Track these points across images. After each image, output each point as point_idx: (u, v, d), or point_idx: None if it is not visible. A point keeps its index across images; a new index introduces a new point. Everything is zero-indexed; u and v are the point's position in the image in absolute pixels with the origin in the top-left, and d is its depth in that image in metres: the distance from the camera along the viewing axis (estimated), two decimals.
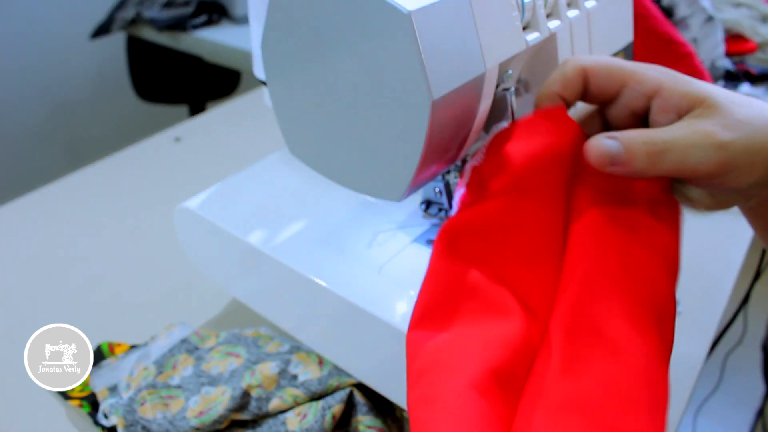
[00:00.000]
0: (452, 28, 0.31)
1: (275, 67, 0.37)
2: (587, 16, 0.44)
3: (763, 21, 1.02)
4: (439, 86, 0.31)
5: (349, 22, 0.31)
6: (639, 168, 0.31)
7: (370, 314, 0.41)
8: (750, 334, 1.11)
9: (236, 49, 1.35)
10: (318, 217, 0.51)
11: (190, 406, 0.46)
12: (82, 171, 0.82)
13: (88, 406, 0.48)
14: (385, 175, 0.35)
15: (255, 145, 0.82)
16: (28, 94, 1.71)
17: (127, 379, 0.49)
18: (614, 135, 0.31)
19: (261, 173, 0.57)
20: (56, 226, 0.72)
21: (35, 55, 1.69)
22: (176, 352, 0.51)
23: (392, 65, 0.31)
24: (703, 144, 0.30)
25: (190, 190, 0.55)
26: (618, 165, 0.31)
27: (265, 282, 0.50)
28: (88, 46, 1.65)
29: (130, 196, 0.77)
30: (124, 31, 1.53)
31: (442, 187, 0.47)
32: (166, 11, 1.46)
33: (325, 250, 0.47)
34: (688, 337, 0.56)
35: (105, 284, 0.63)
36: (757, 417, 1.36)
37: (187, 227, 0.54)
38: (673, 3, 0.92)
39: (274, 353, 0.50)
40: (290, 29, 0.35)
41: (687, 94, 0.32)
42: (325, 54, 0.34)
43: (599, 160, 0.31)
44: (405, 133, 0.32)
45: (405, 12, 0.29)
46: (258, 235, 0.49)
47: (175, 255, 0.64)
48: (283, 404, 0.45)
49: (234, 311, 0.58)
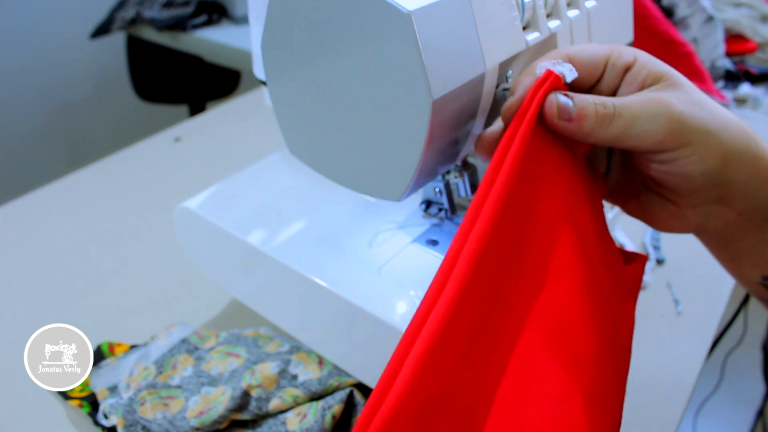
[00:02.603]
0: (452, 28, 0.31)
1: (275, 67, 0.37)
2: (587, 16, 0.44)
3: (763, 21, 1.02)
4: (439, 86, 0.31)
5: (349, 22, 0.31)
6: (586, 128, 0.31)
7: (370, 314, 0.41)
8: (750, 334, 1.11)
9: (236, 49, 1.35)
10: (318, 217, 0.51)
11: (190, 406, 0.46)
12: (82, 171, 0.82)
13: (88, 406, 0.48)
14: (385, 175, 0.35)
15: (255, 145, 0.82)
16: (28, 94, 1.71)
17: (127, 379, 0.49)
18: (570, 94, 0.32)
19: (261, 173, 0.57)
20: (56, 226, 0.72)
21: (35, 55, 1.69)
22: (176, 352, 0.51)
23: (392, 65, 0.31)
24: (654, 112, 0.30)
25: (190, 190, 0.55)
26: (567, 121, 0.31)
27: (265, 282, 0.50)
28: (88, 46, 1.65)
29: (130, 196, 0.77)
30: (124, 31, 1.53)
31: (442, 187, 0.47)
32: (166, 11, 1.46)
33: (325, 250, 0.47)
34: (688, 337, 0.57)
35: (105, 284, 0.63)
36: (757, 417, 1.36)
37: (187, 227, 0.54)
38: (673, 3, 0.92)
39: (274, 353, 0.50)
40: (290, 29, 0.35)
41: (654, 70, 0.32)
42: (325, 54, 0.34)
43: (550, 111, 0.31)
44: (405, 133, 0.32)
45: (405, 12, 0.29)
46: (258, 235, 0.49)
47: (175, 255, 0.64)
48: (283, 404, 0.45)
49: (234, 311, 0.58)
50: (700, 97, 0.32)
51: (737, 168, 0.32)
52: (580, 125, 0.31)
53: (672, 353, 0.55)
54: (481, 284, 0.28)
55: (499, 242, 0.29)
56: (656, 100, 0.31)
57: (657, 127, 0.30)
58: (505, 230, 0.29)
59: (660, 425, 0.49)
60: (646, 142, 0.31)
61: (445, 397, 0.27)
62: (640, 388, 0.51)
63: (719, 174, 0.31)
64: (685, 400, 0.51)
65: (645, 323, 0.58)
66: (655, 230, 0.69)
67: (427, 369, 0.26)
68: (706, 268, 0.64)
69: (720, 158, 0.31)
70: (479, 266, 0.28)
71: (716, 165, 0.31)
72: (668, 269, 0.65)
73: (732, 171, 0.32)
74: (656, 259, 0.65)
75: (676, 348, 0.56)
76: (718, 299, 0.61)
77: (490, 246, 0.28)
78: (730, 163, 0.31)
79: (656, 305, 0.60)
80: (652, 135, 0.31)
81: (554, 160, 0.32)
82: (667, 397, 0.51)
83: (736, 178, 0.32)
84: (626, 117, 0.31)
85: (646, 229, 0.70)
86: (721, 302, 0.60)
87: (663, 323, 0.58)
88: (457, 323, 0.27)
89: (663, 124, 0.30)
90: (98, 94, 1.86)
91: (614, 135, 0.31)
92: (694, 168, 0.31)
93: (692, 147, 0.31)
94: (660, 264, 0.65)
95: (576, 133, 0.32)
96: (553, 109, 0.31)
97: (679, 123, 0.30)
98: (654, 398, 0.51)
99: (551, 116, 0.31)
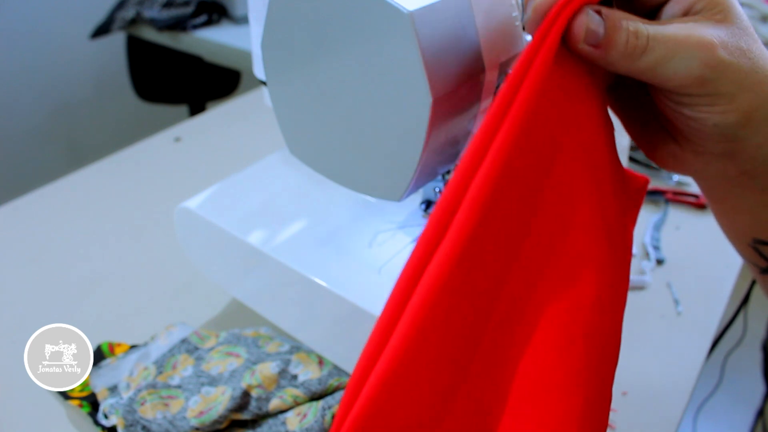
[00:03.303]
0: (452, 28, 0.31)
1: (275, 67, 0.37)
2: None
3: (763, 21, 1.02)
4: (439, 86, 0.31)
5: (349, 22, 0.32)
6: (613, 57, 0.28)
7: (370, 314, 0.41)
8: (750, 334, 1.10)
9: (236, 49, 1.35)
10: (318, 217, 0.51)
11: (190, 406, 0.46)
12: (82, 171, 0.82)
13: (88, 406, 0.48)
14: (385, 175, 0.35)
15: (255, 145, 0.82)
16: (28, 94, 1.71)
17: (127, 379, 0.49)
18: (603, 11, 0.28)
19: (261, 173, 0.57)
20: (56, 226, 0.72)
21: (35, 55, 1.69)
22: (176, 352, 0.51)
23: (392, 65, 0.31)
24: (690, 54, 0.27)
25: (190, 190, 0.55)
26: (593, 46, 0.28)
27: (265, 282, 0.50)
28: (88, 46, 1.65)
29: (130, 196, 0.77)
30: (124, 31, 1.53)
31: (442, 187, 0.47)
32: (166, 11, 1.46)
33: (325, 250, 0.47)
34: (688, 337, 0.57)
35: (105, 284, 0.63)
36: (757, 417, 1.36)
37: (187, 227, 0.54)
38: None
39: (274, 353, 0.50)
40: (290, 29, 0.35)
41: None
42: (325, 54, 0.34)
43: (578, 33, 0.28)
44: (405, 133, 0.32)
45: (405, 12, 0.29)
46: (258, 235, 0.49)
47: (175, 255, 0.64)
48: (283, 404, 0.45)
49: (234, 311, 0.58)
50: (748, 41, 0.28)
51: (757, 129, 0.29)
52: (606, 53, 0.28)
53: (672, 353, 0.55)
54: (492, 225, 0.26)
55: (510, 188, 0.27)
56: (697, 39, 0.27)
57: (688, 71, 0.27)
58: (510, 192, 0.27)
59: (660, 425, 0.49)
60: (671, 83, 0.28)
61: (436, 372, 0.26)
62: (640, 388, 0.51)
63: (734, 130, 0.29)
64: (685, 400, 0.51)
65: (645, 323, 0.58)
66: (655, 230, 0.69)
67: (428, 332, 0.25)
68: (706, 268, 0.64)
69: (742, 116, 0.28)
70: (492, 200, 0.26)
71: (735, 121, 0.28)
72: (668, 269, 0.65)
73: (750, 131, 0.29)
74: (656, 259, 0.65)
75: (676, 348, 0.56)
76: (718, 299, 0.61)
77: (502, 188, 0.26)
78: (751, 122, 0.29)
79: (656, 305, 0.60)
80: (679, 77, 0.28)
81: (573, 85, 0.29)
82: (667, 397, 0.51)
83: (751, 139, 0.29)
84: (658, 53, 0.27)
85: (647, 229, 0.70)
86: (721, 302, 0.60)
87: (663, 323, 0.58)
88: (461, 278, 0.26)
89: (696, 69, 0.27)
90: (98, 94, 1.86)
91: (640, 69, 0.28)
92: (709, 117, 0.29)
93: (717, 98, 0.28)
94: (660, 264, 0.65)
95: (599, 60, 0.28)
96: (581, 32, 0.28)
97: (714, 71, 0.27)
98: (654, 398, 0.51)
99: (577, 39, 0.28)
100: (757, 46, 0.29)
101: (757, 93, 0.28)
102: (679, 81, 0.28)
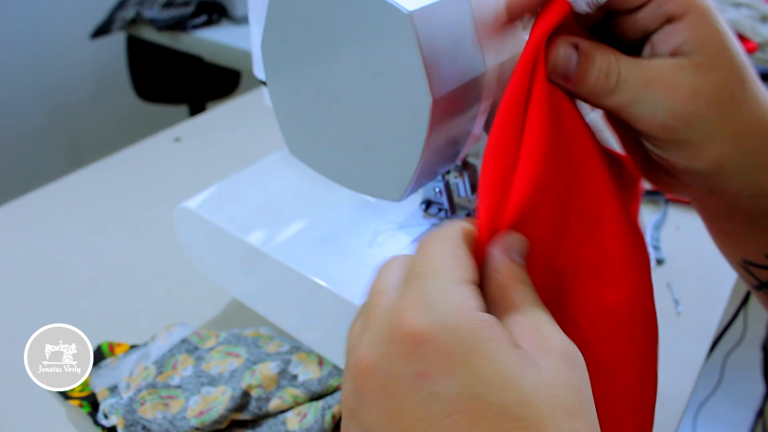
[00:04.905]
0: (452, 28, 0.31)
1: (275, 67, 0.37)
2: None
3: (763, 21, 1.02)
4: (439, 86, 0.31)
5: (349, 22, 0.31)
6: (581, 94, 0.28)
7: None
8: (750, 334, 1.11)
9: (236, 49, 1.35)
10: (318, 217, 0.51)
11: (190, 406, 0.46)
12: (82, 171, 0.82)
13: (88, 406, 0.48)
14: (385, 175, 0.35)
15: (255, 145, 0.82)
16: (28, 94, 1.71)
17: (127, 379, 0.49)
18: (580, 45, 0.28)
19: (261, 173, 0.57)
20: (56, 226, 0.72)
21: (35, 55, 1.69)
22: (176, 352, 0.51)
23: (392, 65, 0.31)
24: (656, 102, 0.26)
25: (190, 190, 0.55)
26: (564, 80, 0.28)
27: (265, 282, 0.50)
28: (88, 46, 1.65)
29: (130, 196, 0.77)
30: (124, 31, 1.53)
31: (442, 187, 0.47)
32: (166, 11, 1.46)
33: (325, 250, 0.47)
34: (688, 337, 0.57)
35: (105, 284, 0.63)
36: (757, 417, 1.36)
37: (187, 227, 0.54)
38: None
39: (274, 353, 0.50)
40: (290, 29, 0.35)
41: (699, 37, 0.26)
42: (325, 54, 0.34)
43: (549, 64, 0.27)
44: (405, 133, 0.32)
45: (405, 12, 0.29)
46: (258, 235, 0.49)
47: (175, 255, 0.64)
48: (283, 404, 0.45)
49: (234, 311, 0.58)
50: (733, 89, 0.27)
51: (732, 176, 0.28)
52: (575, 88, 0.28)
53: (672, 353, 0.55)
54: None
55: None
56: (666, 85, 0.26)
57: (654, 117, 0.27)
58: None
59: (660, 425, 0.49)
60: (638, 125, 0.28)
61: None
62: None
63: (706, 176, 0.28)
64: (685, 400, 0.51)
65: None
66: (655, 230, 0.69)
67: None
68: (706, 268, 0.64)
69: (712, 164, 0.28)
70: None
71: (705, 168, 0.28)
72: (668, 269, 0.65)
73: (724, 177, 0.28)
74: (656, 259, 0.65)
75: (676, 348, 0.56)
76: (718, 299, 0.61)
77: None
78: (723, 170, 0.28)
79: (656, 305, 0.60)
80: (644, 122, 0.27)
81: None
82: (667, 397, 0.51)
83: (728, 182, 0.29)
84: (626, 95, 0.27)
85: (646, 229, 0.70)
86: (721, 302, 0.60)
87: (663, 323, 0.58)
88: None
89: (660, 117, 0.27)
90: (98, 94, 1.86)
91: (608, 107, 0.28)
92: (678, 162, 0.28)
93: (684, 145, 0.27)
94: (660, 264, 0.65)
95: (572, 92, 0.28)
96: (552, 66, 0.28)
97: (680, 122, 0.26)
98: None
99: (550, 71, 0.28)
100: (747, 92, 0.27)
101: (731, 143, 0.27)
102: (644, 125, 0.27)
